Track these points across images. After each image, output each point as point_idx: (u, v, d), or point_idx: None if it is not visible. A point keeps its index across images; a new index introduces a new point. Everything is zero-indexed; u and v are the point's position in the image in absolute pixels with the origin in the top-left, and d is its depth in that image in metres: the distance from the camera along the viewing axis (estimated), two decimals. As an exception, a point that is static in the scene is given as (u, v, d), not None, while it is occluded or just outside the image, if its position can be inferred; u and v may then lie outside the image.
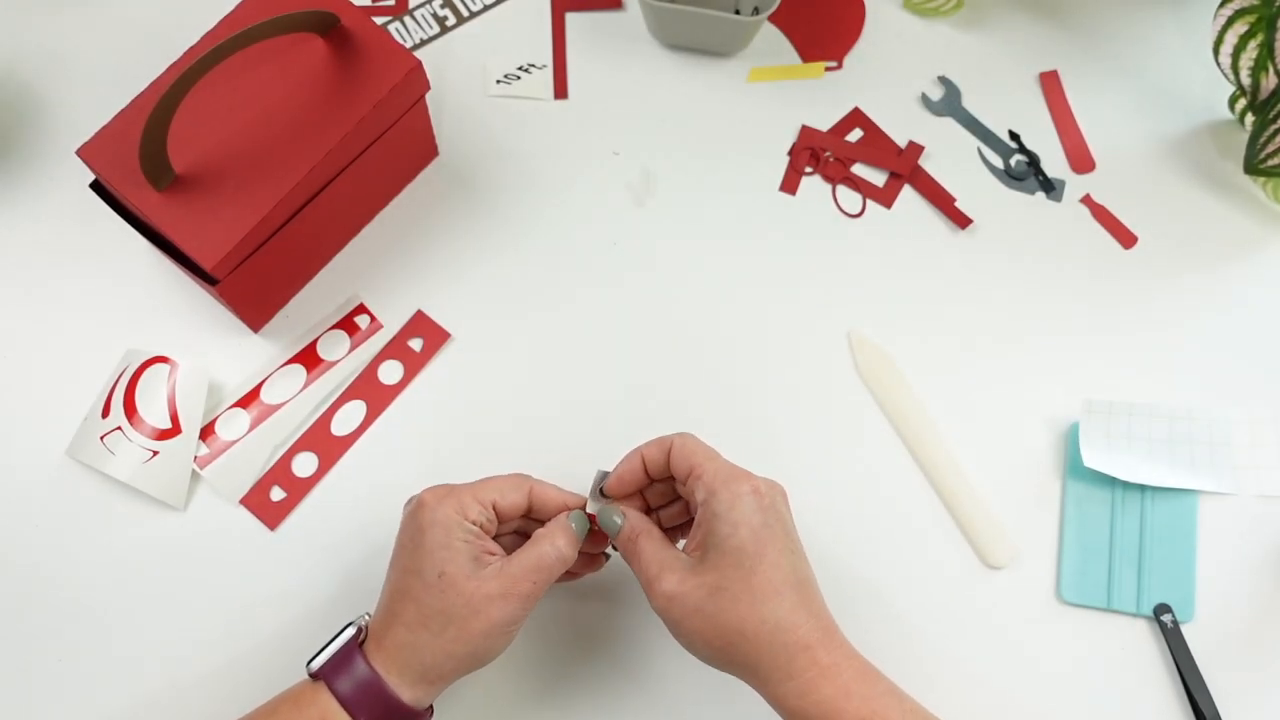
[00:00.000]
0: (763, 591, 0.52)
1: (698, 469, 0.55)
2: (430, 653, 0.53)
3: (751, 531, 0.52)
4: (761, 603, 0.52)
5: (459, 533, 0.54)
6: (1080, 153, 0.77)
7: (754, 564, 0.52)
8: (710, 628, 0.52)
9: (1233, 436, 0.69)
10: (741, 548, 0.52)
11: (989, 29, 0.80)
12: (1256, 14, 0.69)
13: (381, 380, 0.70)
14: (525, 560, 0.55)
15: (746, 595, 0.52)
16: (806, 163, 0.76)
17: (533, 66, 0.78)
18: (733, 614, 0.52)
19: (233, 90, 0.63)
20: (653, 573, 0.54)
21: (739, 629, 0.52)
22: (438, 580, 0.53)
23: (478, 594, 0.53)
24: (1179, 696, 0.64)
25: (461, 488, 0.56)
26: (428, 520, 0.55)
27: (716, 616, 0.52)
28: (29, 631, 0.65)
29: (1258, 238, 0.75)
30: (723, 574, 0.52)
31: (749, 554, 0.52)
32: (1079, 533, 0.67)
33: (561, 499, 0.58)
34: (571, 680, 0.65)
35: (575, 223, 0.74)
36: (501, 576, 0.54)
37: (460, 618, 0.53)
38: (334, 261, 0.73)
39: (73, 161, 0.63)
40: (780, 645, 0.52)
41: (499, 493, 0.56)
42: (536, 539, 0.56)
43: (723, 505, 0.53)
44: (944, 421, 0.70)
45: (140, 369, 0.68)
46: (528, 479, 0.58)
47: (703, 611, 0.52)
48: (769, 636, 0.52)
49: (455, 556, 0.53)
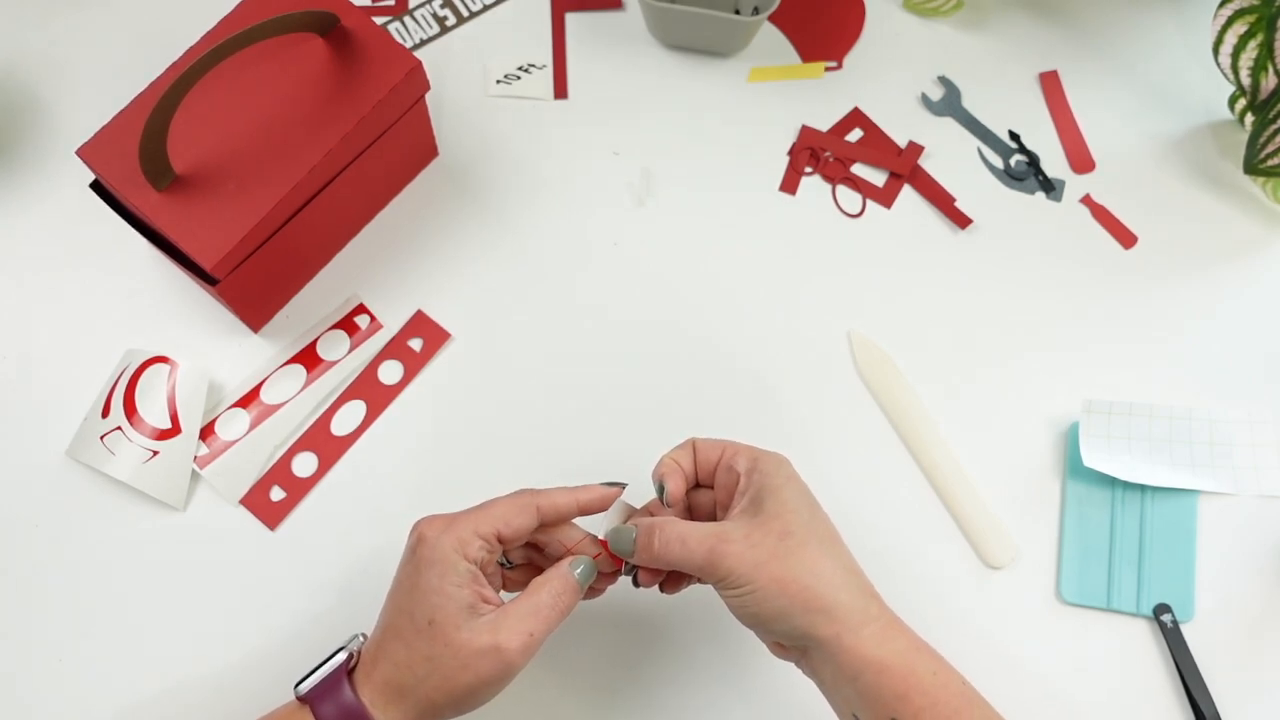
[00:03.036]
0: (826, 538, 0.53)
1: (729, 450, 0.56)
2: (415, 696, 0.51)
3: (801, 489, 0.55)
4: (830, 546, 0.53)
5: (454, 577, 0.52)
6: (1080, 153, 0.77)
7: (812, 514, 0.54)
8: (785, 572, 0.51)
9: (1233, 436, 0.69)
10: (798, 496, 0.54)
11: (989, 29, 0.80)
12: (1256, 14, 0.69)
13: (381, 380, 0.70)
14: (520, 612, 0.52)
15: (814, 540, 0.53)
16: (806, 163, 0.76)
17: (533, 66, 0.78)
18: (804, 556, 0.52)
19: (233, 90, 0.63)
20: (712, 540, 0.52)
21: (813, 570, 0.52)
22: (427, 627, 0.51)
23: (466, 647, 0.50)
24: (1179, 696, 0.64)
25: (462, 519, 0.53)
26: (425, 559, 0.52)
27: (789, 560, 0.51)
28: (29, 631, 0.65)
29: (1258, 238, 0.75)
30: (786, 520, 0.52)
31: (806, 504, 0.54)
32: (1079, 533, 0.67)
33: (572, 500, 0.56)
34: (568, 696, 0.65)
35: (575, 223, 0.74)
36: (495, 631, 0.51)
37: (447, 669, 0.51)
38: (334, 261, 0.73)
39: (73, 161, 0.63)
40: (855, 587, 0.52)
41: (503, 521, 0.54)
42: (530, 590, 0.53)
43: (771, 466, 0.55)
44: (944, 421, 0.70)
45: (140, 369, 0.68)
46: (533, 496, 0.55)
47: (776, 557, 0.51)
48: (843, 577, 0.52)
49: (447, 604, 0.51)
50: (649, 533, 0.54)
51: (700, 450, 0.58)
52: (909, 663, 0.52)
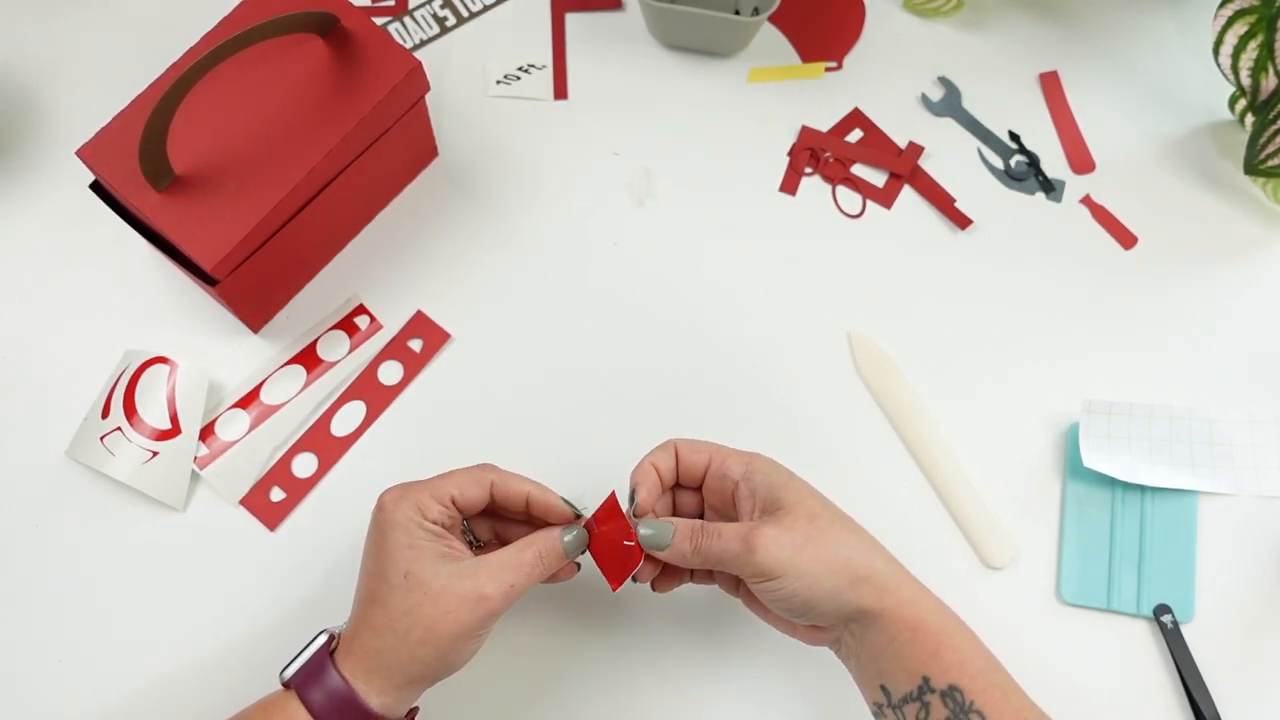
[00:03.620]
0: (845, 516, 0.56)
1: (716, 456, 0.57)
2: (396, 656, 0.52)
3: (803, 480, 0.56)
4: (850, 522, 0.56)
5: (420, 533, 0.53)
6: (1080, 153, 0.77)
7: (824, 501, 0.56)
8: (825, 552, 0.53)
9: (1233, 437, 0.69)
10: (805, 486, 0.56)
11: (989, 29, 0.80)
12: (1256, 14, 0.69)
13: (381, 381, 0.70)
14: (504, 561, 0.53)
15: (837, 521, 0.55)
16: (806, 163, 0.76)
17: (533, 67, 0.78)
18: (836, 533, 0.54)
19: (233, 91, 0.63)
20: (739, 545, 0.53)
21: (848, 544, 0.54)
22: (403, 581, 0.52)
23: (446, 592, 0.51)
24: (1179, 697, 0.64)
25: (419, 485, 0.55)
26: (387, 522, 0.53)
27: (822, 539, 0.53)
28: (29, 631, 0.65)
29: (1258, 238, 0.75)
30: (808, 506, 0.54)
31: (815, 492, 0.56)
32: (1079, 533, 0.67)
33: (523, 491, 0.56)
34: (554, 683, 0.65)
35: (575, 223, 0.74)
36: (475, 576, 0.52)
37: (428, 618, 0.51)
38: (334, 262, 0.73)
39: (73, 162, 0.63)
40: (884, 554, 0.55)
41: (457, 488, 0.55)
42: (518, 546, 0.54)
43: (767, 466, 0.56)
44: (944, 421, 0.70)
45: (140, 369, 0.68)
46: (489, 471, 0.56)
47: (812, 539, 0.53)
48: (872, 546, 0.55)
49: (420, 555, 0.52)
50: (695, 529, 0.55)
51: (683, 454, 0.57)
52: (940, 621, 0.54)
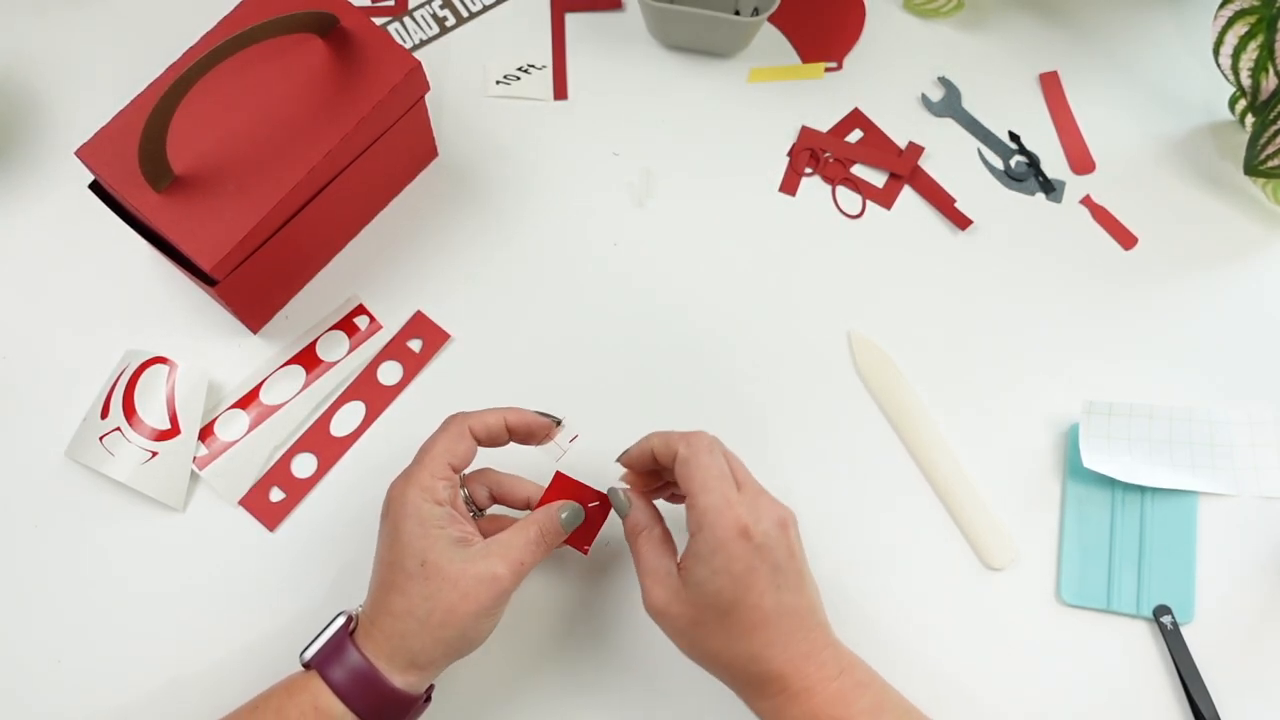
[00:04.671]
0: (736, 630, 0.53)
1: (692, 499, 0.54)
2: (418, 639, 0.54)
3: (731, 578, 0.53)
4: (735, 640, 0.54)
5: (433, 520, 0.55)
6: (1080, 153, 0.77)
7: (729, 607, 0.53)
8: (688, 647, 0.56)
9: (1233, 437, 0.69)
10: (719, 592, 0.53)
11: (989, 29, 0.80)
12: (1257, 15, 0.69)
13: (381, 381, 0.70)
14: (512, 541, 0.56)
15: (721, 632, 0.54)
16: (806, 163, 0.76)
17: (532, 67, 0.78)
18: (709, 644, 0.54)
19: (232, 91, 0.63)
20: (646, 581, 0.56)
21: (714, 656, 0.55)
22: (420, 569, 0.54)
23: (463, 576, 0.54)
24: (1179, 698, 0.64)
25: (415, 470, 0.57)
26: (398, 514, 0.56)
27: (693, 641, 0.55)
28: (29, 631, 0.65)
29: (1258, 238, 0.75)
30: (700, 611, 0.54)
31: (725, 598, 0.53)
32: (1079, 534, 0.67)
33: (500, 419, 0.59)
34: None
35: (575, 223, 0.74)
36: (487, 558, 0.55)
37: (449, 602, 0.54)
38: (334, 262, 0.73)
39: (72, 162, 0.63)
40: (752, 674, 0.54)
41: (449, 454, 0.57)
42: (521, 525, 0.57)
43: (706, 549, 0.53)
44: (944, 422, 0.70)
45: (139, 370, 0.68)
46: (461, 420, 0.59)
47: (681, 634, 0.55)
48: (742, 666, 0.54)
49: (435, 543, 0.55)
50: (633, 532, 0.58)
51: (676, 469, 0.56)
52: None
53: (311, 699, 0.54)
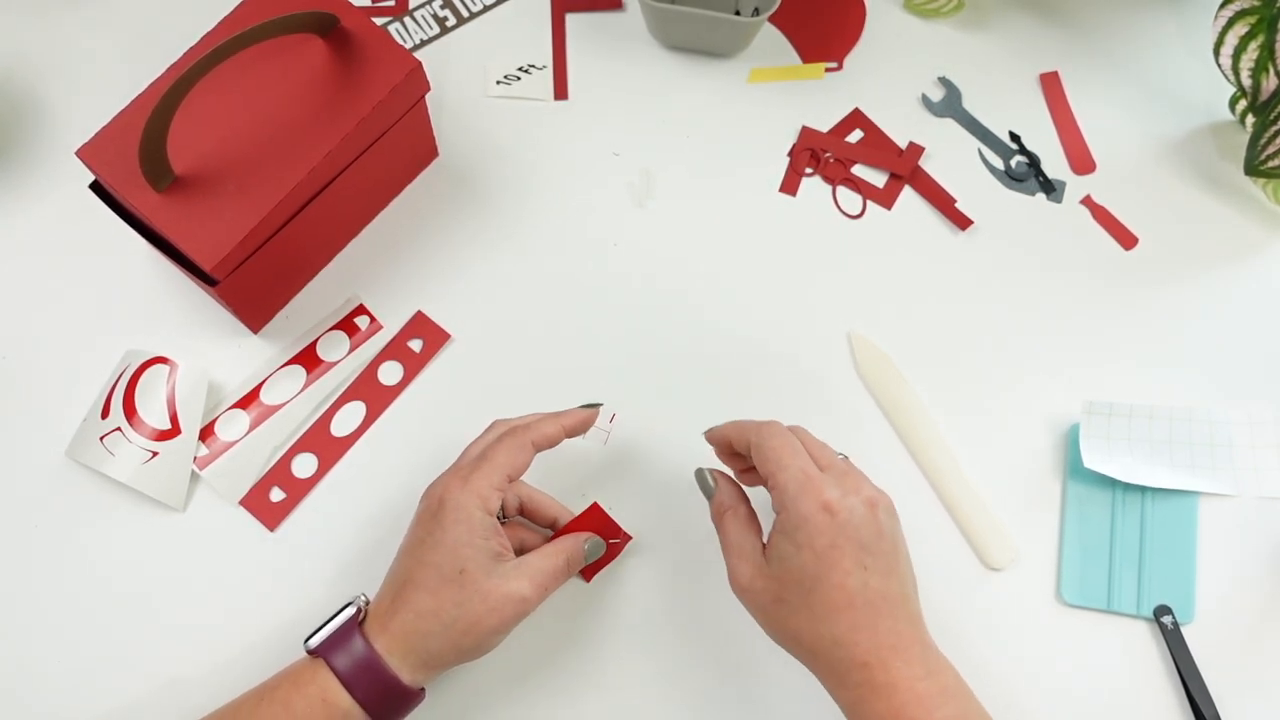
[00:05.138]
0: (820, 610, 0.53)
1: (771, 478, 0.55)
2: (438, 641, 0.55)
3: (815, 554, 0.53)
4: (819, 620, 0.53)
5: (480, 530, 0.56)
6: (1080, 154, 0.77)
7: (813, 584, 0.53)
8: (773, 628, 0.56)
9: (1233, 437, 0.69)
10: (803, 568, 0.53)
11: (989, 29, 0.80)
12: (1257, 15, 0.69)
13: (381, 381, 0.70)
14: (543, 566, 0.58)
15: (805, 611, 0.53)
16: (807, 163, 0.76)
17: (533, 67, 0.78)
18: (792, 623, 0.54)
19: (233, 91, 0.63)
20: (731, 559, 0.57)
21: (796, 637, 0.54)
22: (458, 576, 0.55)
23: (495, 592, 0.55)
24: (1179, 698, 0.64)
25: (475, 476, 0.57)
26: (450, 518, 0.56)
27: (778, 620, 0.55)
28: (29, 632, 0.65)
29: (1258, 239, 0.75)
30: (784, 587, 0.54)
31: (809, 574, 0.53)
32: (1079, 534, 0.67)
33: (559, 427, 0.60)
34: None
35: (575, 223, 0.74)
36: (518, 578, 0.56)
37: (476, 614, 0.55)
38: (334, 262, 0.73)
39: (72, 162, 0.63)
40: (836, 659, 0.53)
41: (509, 466, 0.58)
42: (552, 552, 0.59)
43: (789, 524, 0.54)
44: (944, 422, 0.70)
45: (140, 370, 0.68)
46: (524, 433, 0.59)
47: (766, 612, 0.55)
48: (825, 650, 0.53)
49: (477, 555, 0.56)
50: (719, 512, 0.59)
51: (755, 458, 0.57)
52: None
53: (320, 691, 0.54)
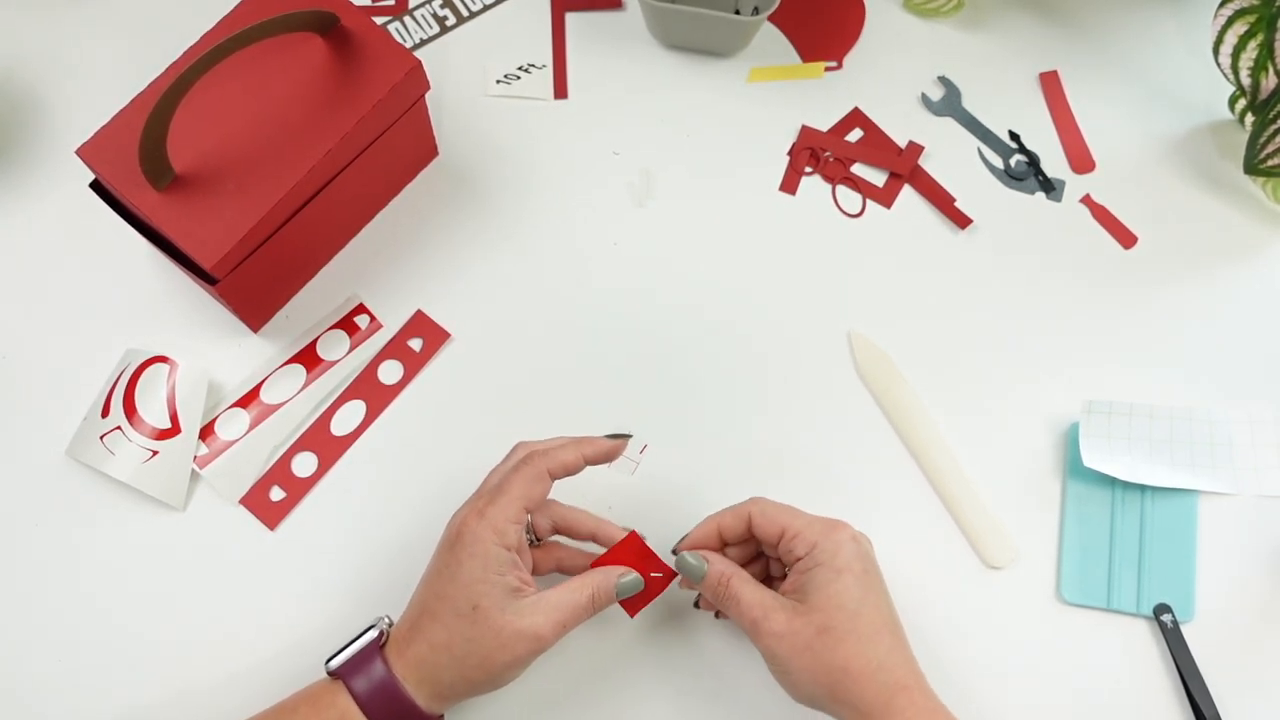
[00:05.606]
0: (867, 633, 0.54)
1: (790, 529, 0.57)
2: (449, 673, 0.55)
3: (855, 577, 0.55)
4: (866, 643, 0.54)
5: (496, 565, 0.55)
6: (1080, 153, 0.77)
7: (858, 607, 0.54)
8: (818, 665, 0.54)
9: (1233, 436, 0.69)
10: (847, 590, 0.55)
11: (989, 29, 0.80)
12: (1256, 14, 0.69)
13: (381, 380, 0.70)
14: (563, 603, 0.56)
15: (852, 636, 0.54)
16: (806, 163, 0.76)
17: (533, 66, 0.78)
18: (839, 652, 0.54)
19: (232, 90, 0.63)
20: (757, 614, 0.56)
21: (844, 667, 0.54)
22: (471, 612, 0.54)
23: (508, 629, 0.54)
24: (1179, 696, 0.64)
25: (492, 509, 0.56)
26: (465, 552, 0.55)
27: (824, 654, 0.54)
28: (29, 631, 0.65)
29: (1258, 238, 0.75)
30: (829, 615, 0.54)
31: (854, 597, 0.55)
32: (1079, 533, 0.67)
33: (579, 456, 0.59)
34: (582, 694, 0.65)
35: (575, 223, 0.74)
36: (534, 614, 0.54)
37: (487, 649, 0.54)
38: (334, 261, 0.73)
39: (72, 161, 0.63)
40: (882, 684, 0.54)
41: (526, 499, 0.56)
42: (576, 585, 0.57)
43: (827, 554, 0.55)
44: (944, 421, 0.70)
45: (140, 369, 0.68)
46: (541, 460, 0.57)
47: (811, 649, 0.54)
48: (872, 675, 0.54)
49: (491, 590, 0.54)
50: (721, 581, 0.57)
51: (758, 524, 0.58)
52: None
53: (339, 715, 0.54)
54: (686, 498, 0.67)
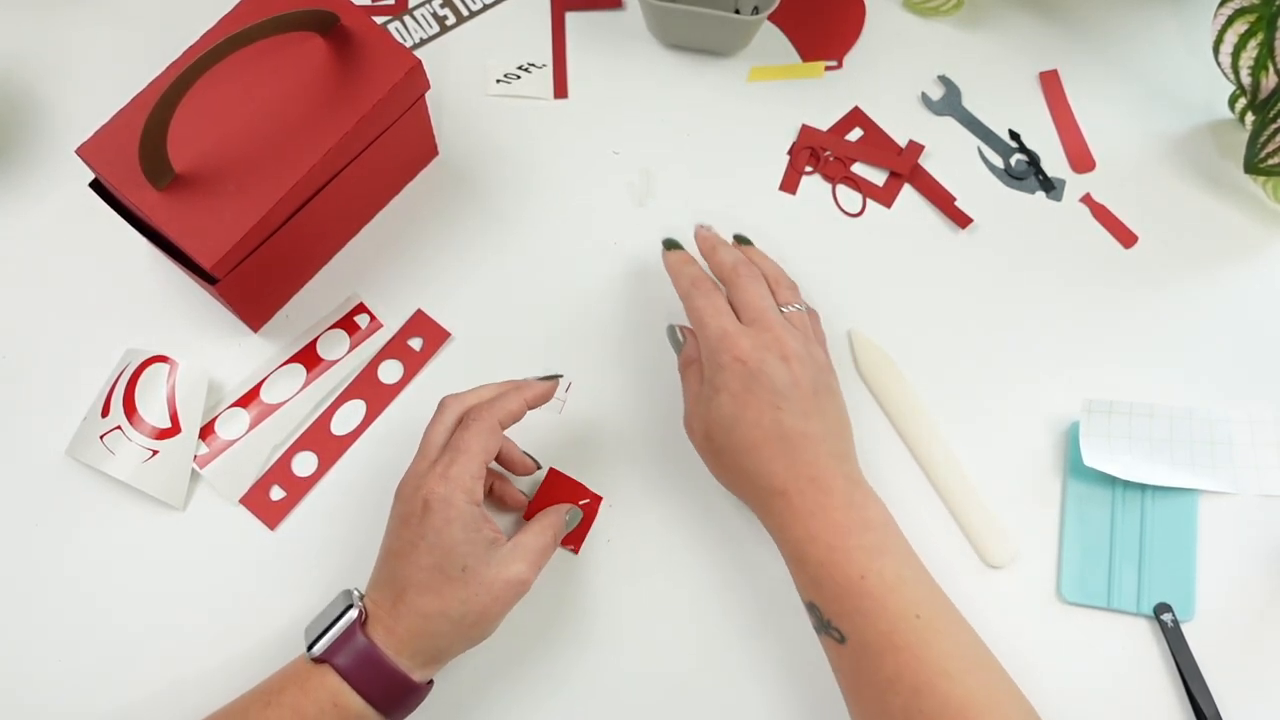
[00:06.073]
0: (740, 444, 0.59)
1: (701, 328, 0.62)
2: (448, 639, 0.56)
3: (730, 395, 0.59)
4: (740, 454, 0.60)
5: (473, 524, 0.57)
6: (1080, 152, 0.77)
7: (732, 424, 0.59)
8: (710, 465, 0.63)
9: (1233, 436, 0.69)
10: (721, 407, 0.60)
11: (989, 29, 0.80)
12: (1256, 13, 0.69)
13: (381, 379, 0.70)
14: (535, 545, 0.59)
15: (729, 448, 0.60)
16: (806, 162, 0.76)
17: (533, 66, 0.78)
18: (723, 459, 0.61)
19: (232, 89, 0.63)
20: (687, 405, 0.64)
21: (727, 470, 0.61)
22: (461, 574, 0.56)
23: (498, 581, 0.56)
24: (1179, 696, 0.64)
25: (454, 469, 0.57)
26: (441, 519, 0.56)
27: (711, 457, 0.62)
28: (29, 631, 0.65)
29: (1258, 238, 0.75)
30: (710, 425, 0.61)
31: (727, 414, 0.60)
32: (1079, 532, 0.67)
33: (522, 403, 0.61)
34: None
35: (575, 222, 0.74)
36: (515, 561, 0.57)
37: (482, 604, 0.56)
38: (334, 261, 0.73)
39: (72, 161, 0.63)
40: (758, 489, 0.60)
41: (485, 453, 0.58)
42: (539, 529, 0.60)
43: (709, 372, 0.61)
44: (944, 421, 0.70)
45: (140, 368, 0.68)
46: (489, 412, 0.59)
47: (702, 451, 0.63)
48: (749, 481, 0.60)
49: (475, 549, 0.56)
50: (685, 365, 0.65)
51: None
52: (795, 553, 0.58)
53: (330, 695, 0.54)
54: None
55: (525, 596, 0.58)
